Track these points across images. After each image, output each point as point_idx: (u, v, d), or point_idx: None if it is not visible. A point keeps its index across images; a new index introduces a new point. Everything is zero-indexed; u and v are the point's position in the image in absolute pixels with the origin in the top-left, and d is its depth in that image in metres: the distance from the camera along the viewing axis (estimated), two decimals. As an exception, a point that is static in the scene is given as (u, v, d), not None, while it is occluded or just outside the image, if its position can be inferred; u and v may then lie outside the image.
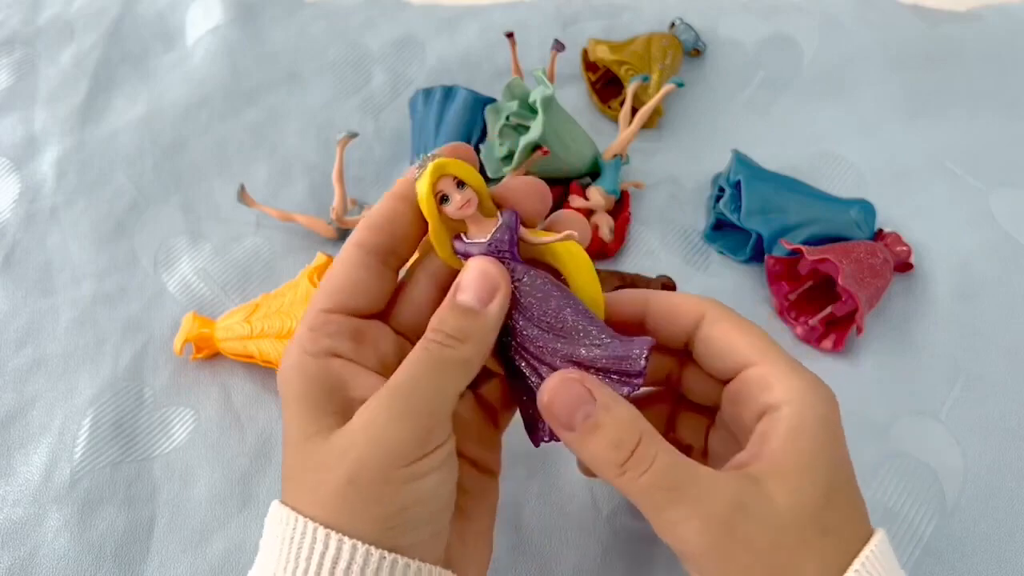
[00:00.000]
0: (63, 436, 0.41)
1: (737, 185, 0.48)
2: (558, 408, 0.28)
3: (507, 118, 0.48)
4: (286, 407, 0.28)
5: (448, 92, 0.52)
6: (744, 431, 0.30)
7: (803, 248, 0.44)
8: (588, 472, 0.36)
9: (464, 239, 0.29)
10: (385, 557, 0.26)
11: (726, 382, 0.30)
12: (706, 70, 0.58)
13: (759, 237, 0.47)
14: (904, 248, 0.47)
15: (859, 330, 0.43)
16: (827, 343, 0.45)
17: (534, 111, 0.46)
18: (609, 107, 0.55)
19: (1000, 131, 0.55)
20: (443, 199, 0.28)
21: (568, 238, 0.29)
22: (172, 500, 0.39)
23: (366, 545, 0.26)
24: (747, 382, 0.29)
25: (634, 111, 0.51)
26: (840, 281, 0.42)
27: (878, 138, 0.55)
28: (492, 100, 0.51)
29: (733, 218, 0.48)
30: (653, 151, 0.53)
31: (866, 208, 0.48)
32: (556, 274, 0.30)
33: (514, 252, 0.29)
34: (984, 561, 0.38)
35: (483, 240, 0.29)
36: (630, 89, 0.52)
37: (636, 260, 0.48)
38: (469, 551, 0.30)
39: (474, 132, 0.50)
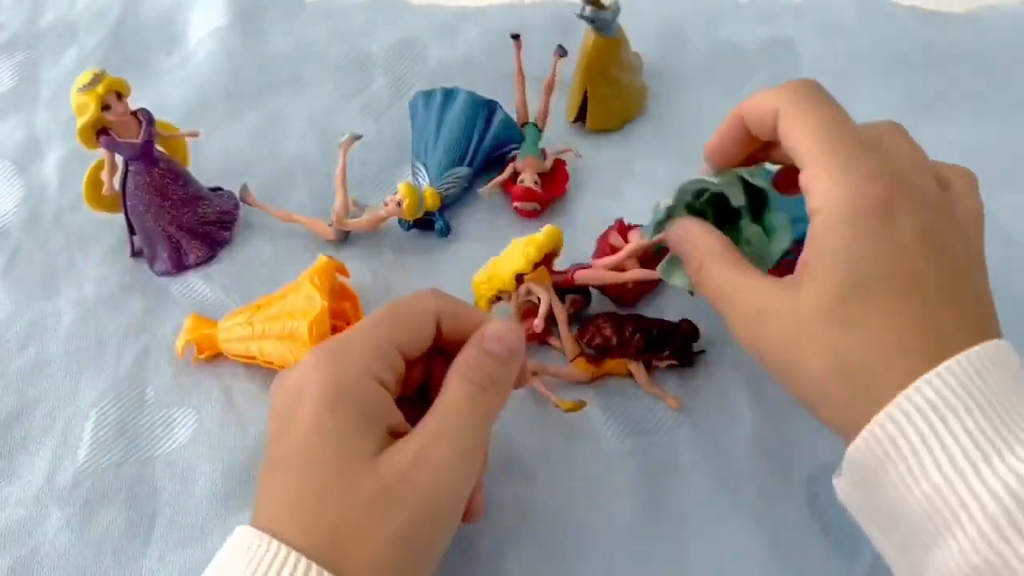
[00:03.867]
0: (66, 437, 0.41)
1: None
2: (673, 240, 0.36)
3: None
4: (321, 424, 0.29)
5: (448, 94, 0.52)
6: None
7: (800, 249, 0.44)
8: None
9: (113, 135, 0.43)
10: None
11: None
12: (705, 72, 0.58)
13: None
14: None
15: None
16: (826, 344, 0.45)
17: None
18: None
19: (999, 133, 0.55)
20: (106, 107, 0.42)
21: (189, 135, 0.47)
22: (173, 499, 0.39)
23: None
24: (801, 185, 0.30)
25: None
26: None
27: (877, 140, 0.55)
28: (492, 102, 0.51)
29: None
30: (653, 153, 0.53)
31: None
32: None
33: (152, 143, 0.44)
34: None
35: (136, 141, 0.43)
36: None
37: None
38: None
39: (473, 134, 0.50)
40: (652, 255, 0.43)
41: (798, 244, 0.45)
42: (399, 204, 0.46)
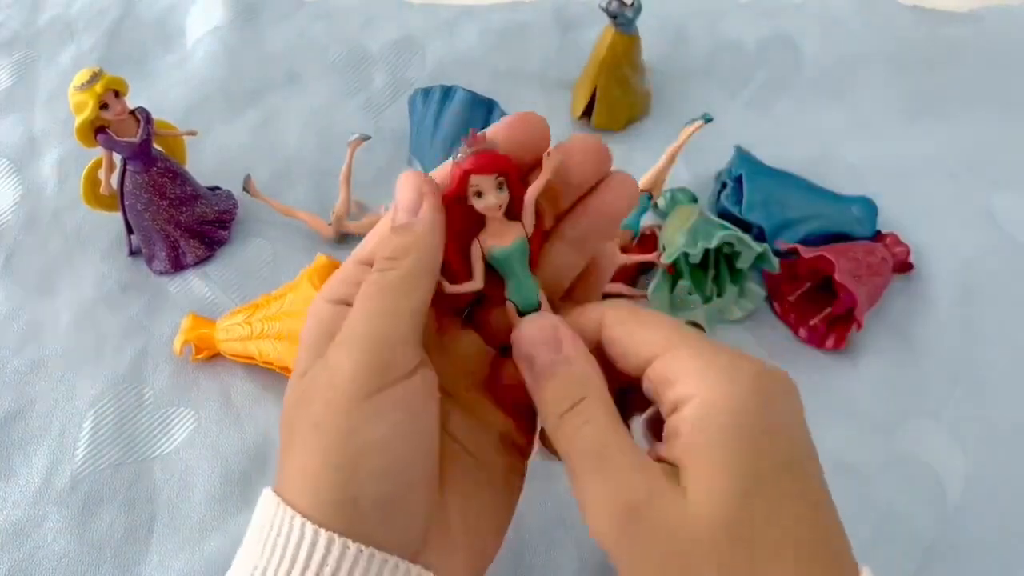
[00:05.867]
0: (64, 437, 0.41)
1: (738, 179, 0.48)
2: (526, 345, 0.27)
3: None
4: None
5: (447, 92, 0.52)
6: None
7: (799, 247, 0.44)
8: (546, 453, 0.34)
9: (111, 134, 0.43)
10: (362, 551, 0.24)
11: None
12: (706, 70, 0.58)
13: (760, 231, 0.47)
14: (903, 247, 0.47)
15: (858, 325, 0.43)
16: (829, 342, 0.44)
17: None
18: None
19: (1001, 132, 0.55)
20: (104, 106, 0.42)
21: (187, 133, 0.47)
22: (172, 500, 0.39)
23: (343, 538, 0.24)
24: (651, 378, 0.26)
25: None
26: (836, 276, 0.42)
27: (878, 139, 0.55)
28: (491, 101, 0.51)
29: (735, 211, 0.48)
30: (654, 150, 0.53)
31: (867, 205, 0.48)
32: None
33: (150, 141, 0.44)
34: (986, 562, 0.38)
35: (135, 139, 0.43)
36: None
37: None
38: (455, 540, 0.27)
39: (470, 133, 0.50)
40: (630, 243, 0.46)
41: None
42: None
